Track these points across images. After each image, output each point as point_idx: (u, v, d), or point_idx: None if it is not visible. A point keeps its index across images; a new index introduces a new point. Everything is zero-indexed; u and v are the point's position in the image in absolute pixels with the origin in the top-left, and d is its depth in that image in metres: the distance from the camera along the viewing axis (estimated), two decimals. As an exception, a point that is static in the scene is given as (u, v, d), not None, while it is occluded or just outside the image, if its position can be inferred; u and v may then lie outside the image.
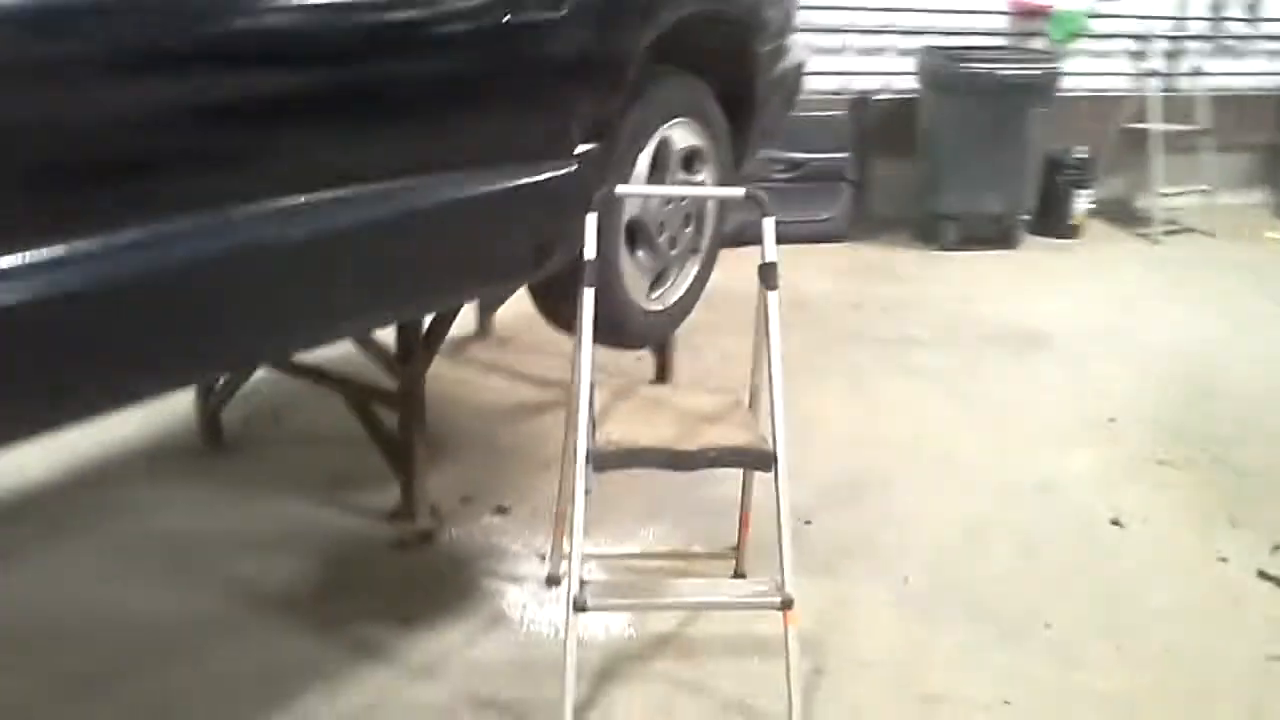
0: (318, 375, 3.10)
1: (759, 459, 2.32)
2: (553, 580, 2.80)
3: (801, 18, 5.85)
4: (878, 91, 6.22)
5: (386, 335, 2.89)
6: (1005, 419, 3.87)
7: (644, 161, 2.64)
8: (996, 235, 5.90)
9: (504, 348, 4.32)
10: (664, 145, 2.71)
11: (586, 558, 2.83)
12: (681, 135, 2.75)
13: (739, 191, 2.49)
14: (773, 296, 2.39)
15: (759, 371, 2.51)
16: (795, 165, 5.87)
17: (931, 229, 5.94)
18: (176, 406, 3.47)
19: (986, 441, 3.70)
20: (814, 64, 6.01)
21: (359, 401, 3.03)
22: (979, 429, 3.79)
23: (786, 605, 2.32)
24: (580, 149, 2.35)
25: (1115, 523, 3.22)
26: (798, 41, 3.51)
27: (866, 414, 3.89)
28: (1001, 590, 2.87)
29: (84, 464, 3.34)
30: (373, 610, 2.68)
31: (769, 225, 2.39)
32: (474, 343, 4.36)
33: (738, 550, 2.83)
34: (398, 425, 2.99)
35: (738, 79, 2.97)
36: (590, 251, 2.32)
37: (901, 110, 6.11)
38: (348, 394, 3.05)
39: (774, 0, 3.01)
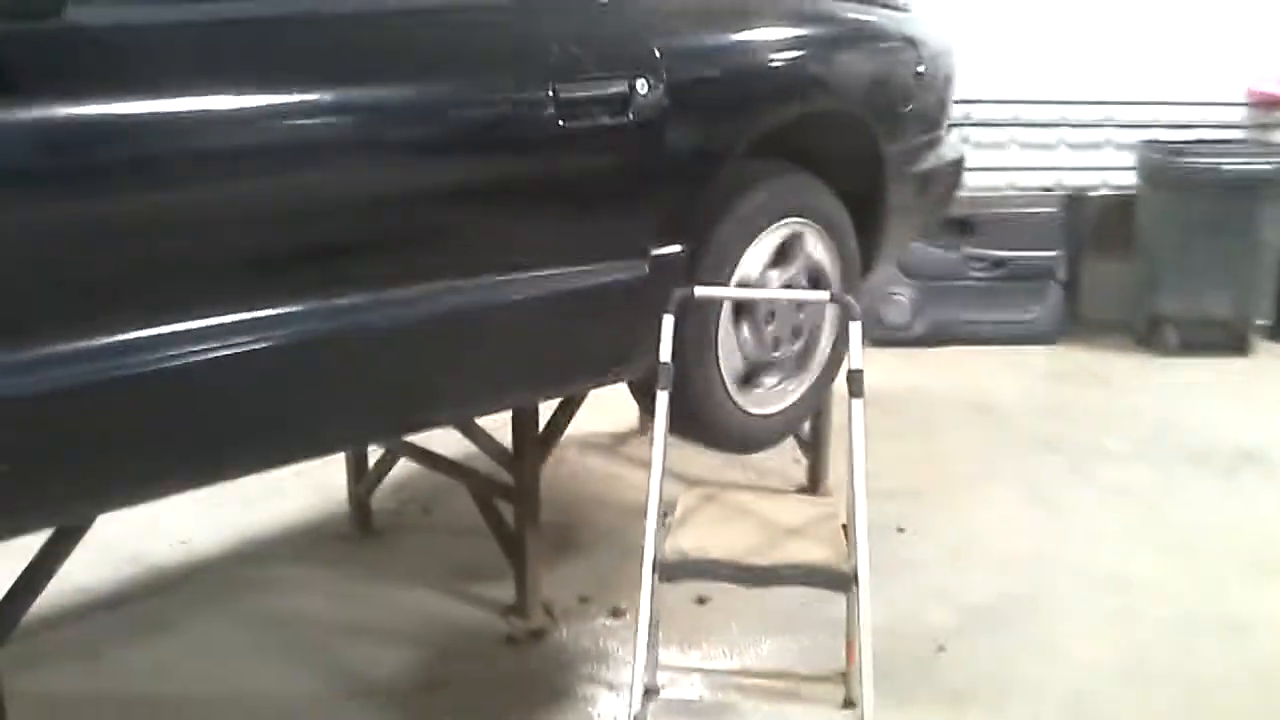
0: (447, 466, 3.16)
1: (834, 580, 2.18)
2: (650, 691, 2.71)
3: (1007, 112, 5.74)
4: (1094, 188, 5.88)
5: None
6: (1198, 545, 3.49)
7: (752, 263, 2.57)
8: (1225, 341, 5.40)
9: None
10: (779, 246, 2.63)
11: (690, 670, 2.78)
12: (796, 237, 2.66)
13: (824, 295, 2.38)
14: (857, 405, 2.26)
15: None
16: (999, 264, 5.62)
17: (1149, 333, 5.51)
18: (340, 494, 3.62)
19: (1170, 570, 3.33)
20: (1024, 159, 5.84)
21: (480, 494, 3.06)
22: (1164, 555, 3.43)
23: (864, 740, 2.13)
24: (656, 251, 2.30)
25: (1307, 672, 2.82)
26: (950, 139, 3.36)
27: (1036, 531, 3.60)
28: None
29: (245, 541, 3.53)
30: (465, 707, 2.67)
31: (855, 330, 2.26)
32: (634, 438, 4.34)
33: (846, 676, 2.65)
34: (514, 520, 3.00)
35: (864, 180, 2.86)
36: (665, 354, 2.27)
37: (1119, 207, 5.75)
38: (470, 485, 3.09)
39: (909, 96, 2.89)
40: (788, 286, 2.66)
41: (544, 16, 2.13)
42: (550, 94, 2.03)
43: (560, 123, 2.04)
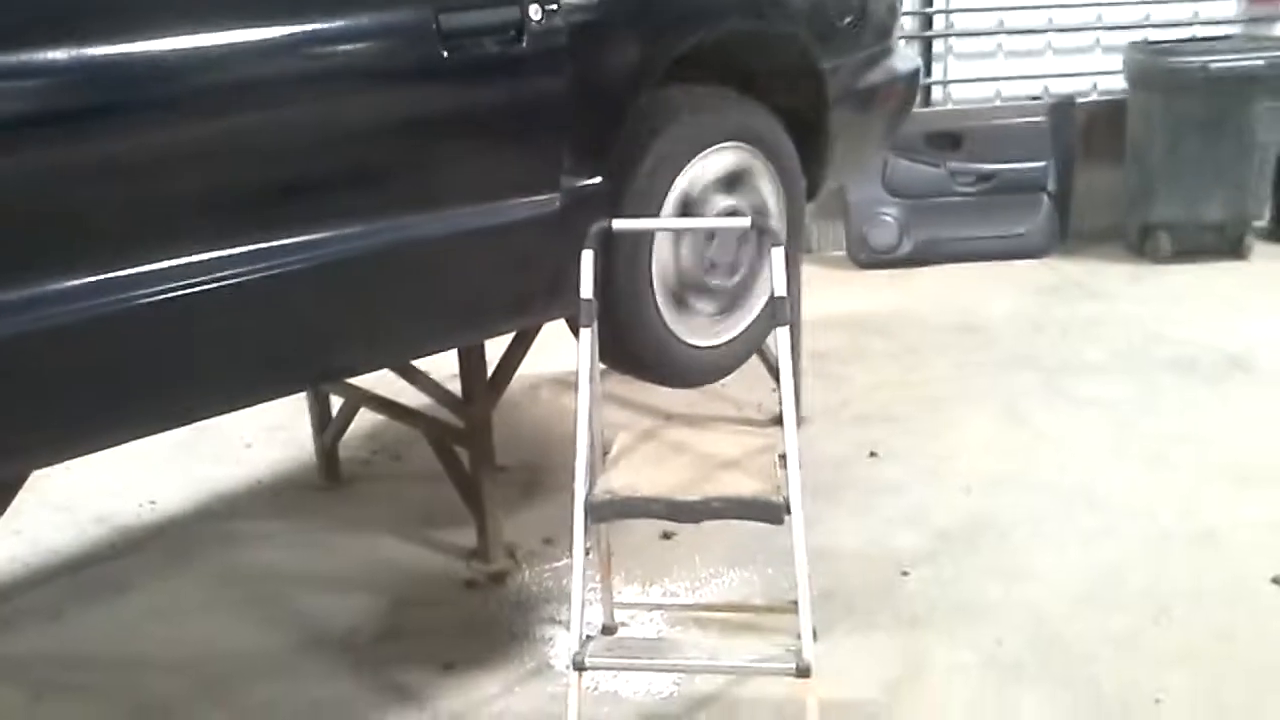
0: (401, 412, 3.13)
1: (766, 510, 2.12)
2: (607, 629, 2.68)
3: (992, 20, 5.57)
4: (1083, 94, 5.72)
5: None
6: (1175, 457, 3.41)
7: (686, 188, 2.48)
8: (1221, 246, 5.27)
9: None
10: (718, 172, 2.55)
11: (650, 607, 2.75)
12: (731, 162, 2.57)
13: (744, 221, 2.29)
14: (782, 333, 2.18)
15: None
16: (986, 177, 5.49)
17: (1142, 241, 5.38)
18: (310, 445, 3.60)
19: (1144, 483, 3.27)
20: (1010, 68, 5.68)
21: (435, 439, 3.03)
22: (1140, 468, 3.36)
23: (803, 673, 2.10)
24: (571, 184, 2.23)
25: (1278, 582, 2.76)
26: (902, 51, 3.24)
27: (1012, 450, 3.53)
28: (1112, 657, 2.51)
29: (213, 497, 3.52)
30: (423, 653, 2.66)
31: (778, 256, 2.18)
32: (612, 376, 4.28)
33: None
34: (469, 463, 2.97)
35: (804, 99, 2.76)
36: (586, 290, 2.21)
37: (1109, 113, 5.59)
38: (425, 431, 3.06)
39: (846, 8, 2.77)
40: (725, 214, 2.56)
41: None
42: (434, 25, 1.95)
43: (444, 54, 1.96)
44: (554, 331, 2.78)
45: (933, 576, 2.86)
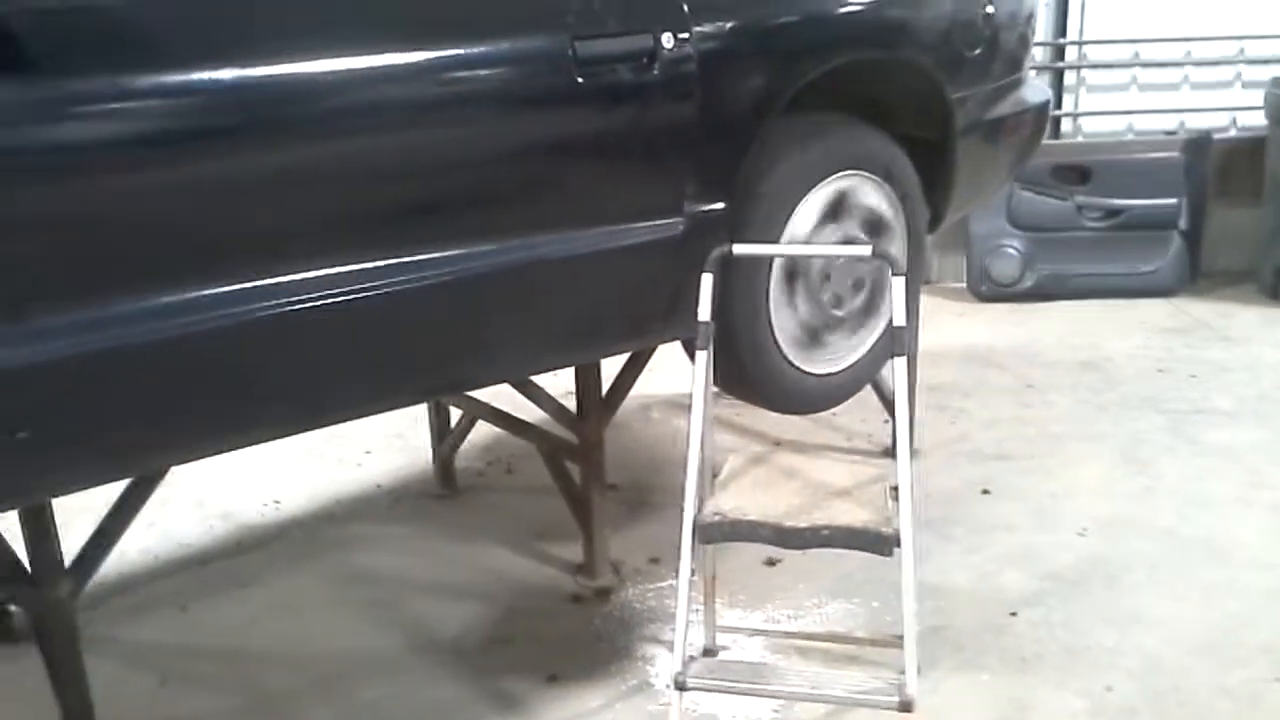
0: (517, 425, 3.19)
1: (876, 542, 2.12)
2: (709, 651, 2.70)
3: (1127, 51, 5.46)
4: (1221, 129, 5.56)
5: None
6: (1305, 509, 3.30)
7: (804, 218, 2.50)
8: (1363, 292, 5.07)
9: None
10: (835, 200, 2.56)
11: (752, 632, 2.76)
12: (854, 189, 2.58)
13: (865, 250, 2.29)
14: (900, 363, 2.18)
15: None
16: (1115, 212, 5.37)
17: (1276, 284, 5.20)
18: (427, 454, 3.70)
19: (1270, 535, 3.16)
20: (1145, 101, 5.56)
21: (548, 454, 3.09)
22: (1266, 519, 3.25)
23: (905, 707, 2.09)
24: (694, 209, 2.27)
25: None
26: (1033, 82, 3.20)
27: (1130, 494, 3.45)
28: (1229, 712, 2.44)
29: (334, 500, 3.64)
30: (528, 663, 2.71)
31: (899, 286, 2.18)
32: (725, 399, 4.30)
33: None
34: (579, 479, 3.02)
35: (931, 128, 2.75)
36: (704, 313, 2.24)
37: (1248, 150, 5.42)
38: (539, 446, 3.12)
39: (976, 39, 2.76)
40: (845, 242, 2.57)
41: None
42: (570, 52, 2.01)
43: (579, 80, 2.01)
44: (668, 353, 2.83)
45: (1042, 619, 2.81)
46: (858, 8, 2.48)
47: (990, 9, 2.77)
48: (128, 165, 1.65)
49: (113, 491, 2.34)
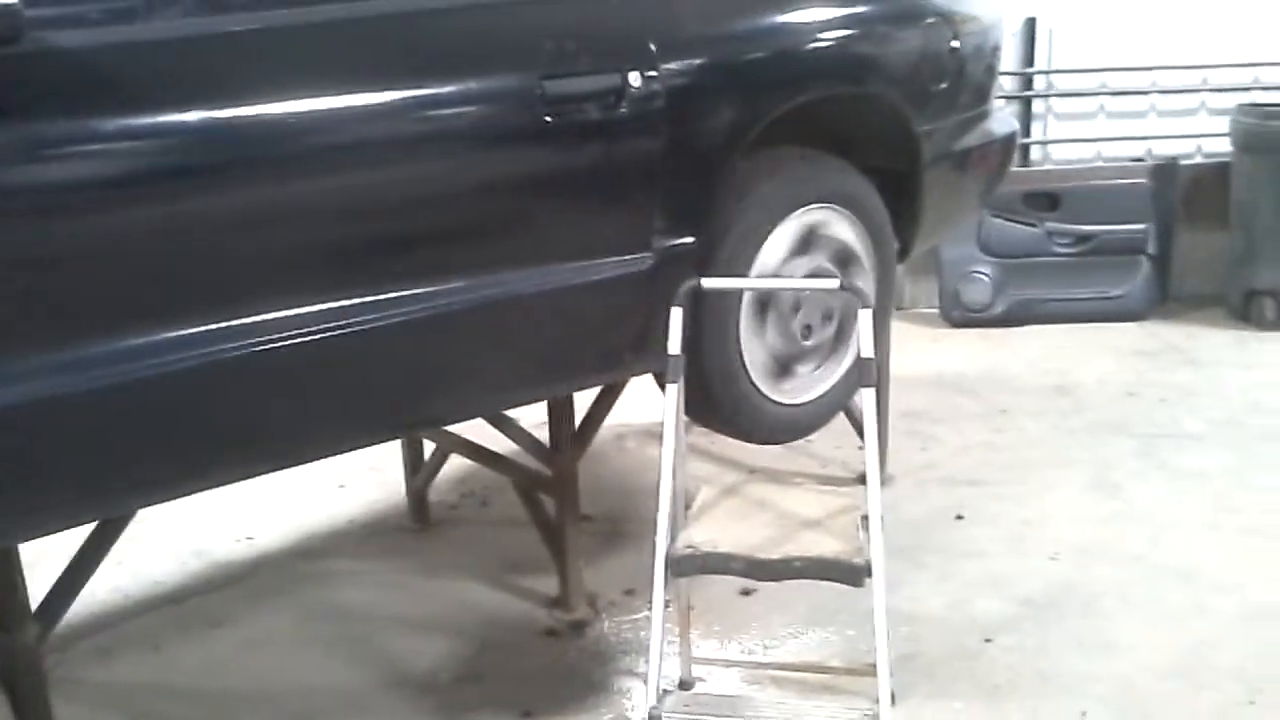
0: (490, 459, 3.19)
1: (847, 573, 2.13)
2: (684, 684, 2.70)
3: (1094, 80, 5.53)
4: (1187, 156, 5.64)
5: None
6: (1272, 532, 3.32)
7: (773, 251, 2.52)
8: (1327, 315, 5.13)
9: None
10: (803, 233, 2.58)
11: (728, 664, 2.76)
12: (822, 222, 2.60)
13: (833, 283, 2.31)
14: (868, 394, 2.20)
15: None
16: (1084, 238, 5.43)
17: (1245, 307, 5.26)
18: (401, 488, 3.69)
19: (1239, 558, 3.19)
20: (1112, 129, 5.63)
21: (522, 487, 3.08)
22: (1235, 543, 3.28)
23: (877, 738, 2.09)
24: (663, 243, 2.28)
25: (1377, 667, 2.67)
26: (999, 114, 3.24)
27: (1102, 519, 3.47)
28: (1200, 739, 2.45)
29: (307, 535, 3.62)
30: (502, 699, 2.70)
31: (866, 318, 2.20)
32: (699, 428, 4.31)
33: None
34: (554, 512, 3.02)
35: (900, 160, 2.78)
36: (674, 347, 2.25)
37: (1214, 176, 5.50)
38: (512, 479, 3.12)
39: (942, 74, 2.79)
40: (814, 274, 2.59)
41: (535, 11, 2.12)
42: (539, 91, 2.03)
43: (548, 118, 2.03)
44: (641, 383, 2.83)
45: (1016, 645, 2.82)
46: (824, 44, 2.51)
47: (956, 43, 2.81)
48: (86, 207, 1.65)
49: (81, 530, 2.33)
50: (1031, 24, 5.57)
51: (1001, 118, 3.27)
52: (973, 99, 2.98)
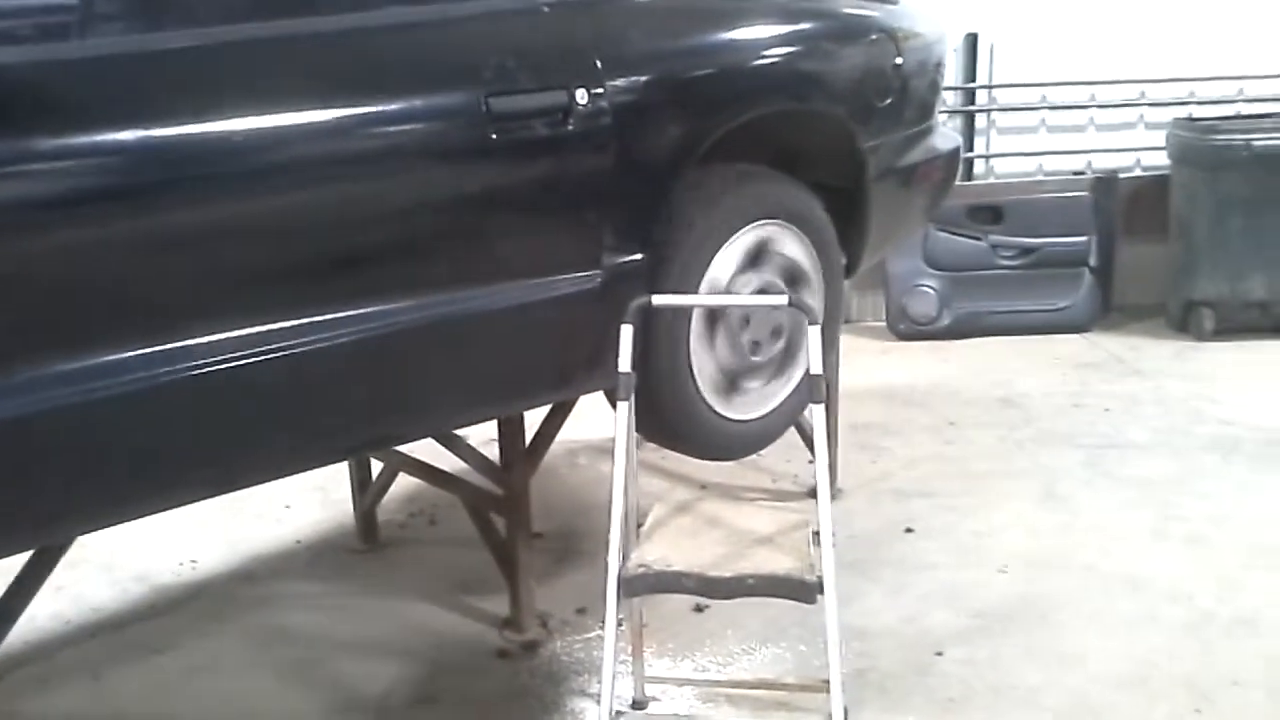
0: (440, 478, 3.15)
1: (799, 589, 2.12)
2: (638, 704, 2.67)
3: (1035, 95, 5.61)
4: (1126, 169, 5.74)
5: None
6: (1218, 541, 3.37)
7: (721, 267, 2.51)
8: (1264, 324, 5.23)
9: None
10: (750, 249, 2.58)
11: (681, 682, 2.74)
12: (769, 238, 2.60)
13: (781, 300, 2.32)
14: (818, 410, 2.19)
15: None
16: (1028, 251, 5.51)
17: (1185, 318, 5.35)
18: (348, 507, 3.63)
19: (1186, 567, 3.23)
20: (1053, 143, 5.72)
21: (473, 506, 3.05)
22: (1181, 551, 3.32)
23: (831, 757, 2.08)
24: (611, 261, 2.27)
25: (1321, 672, 2.71)
26: (943, 129, 3.27)
27: (1051, 529, 3.50)
28: (1150, 748, 2.47)
29: (252, 558, 3.56)
30: (453, 723, 2.66)
31: (815, 334, 2.20)
32: (644, 444, 4.30)
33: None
34: (504, 530, 2.99)
35: (845, 176, 2.79)
36: (624, 364, 2.24)
37: (1153, 189, 5.60)
38: (463, 497, 3.09)
39: (886, 90, 2.81)
40: (763, 290, 2.59)
41: (480, 29, 2.11)
42: (484, 108, 2.01)
43: (493, 135, 2.01)
44: (592, 399, 2.81)
45: (968, 658, 2.83)
46: (770, 61, 2.52)
47: (899, 60, 2.83)
48: (26, 227, 1.60)
49: (16, 559, 2.26)
50: (973, 39, 5.64)
51: (946, 133, 3.30)
52: (917, 115, 3.00)
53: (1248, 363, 4.98)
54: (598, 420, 3.42)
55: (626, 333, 2.23)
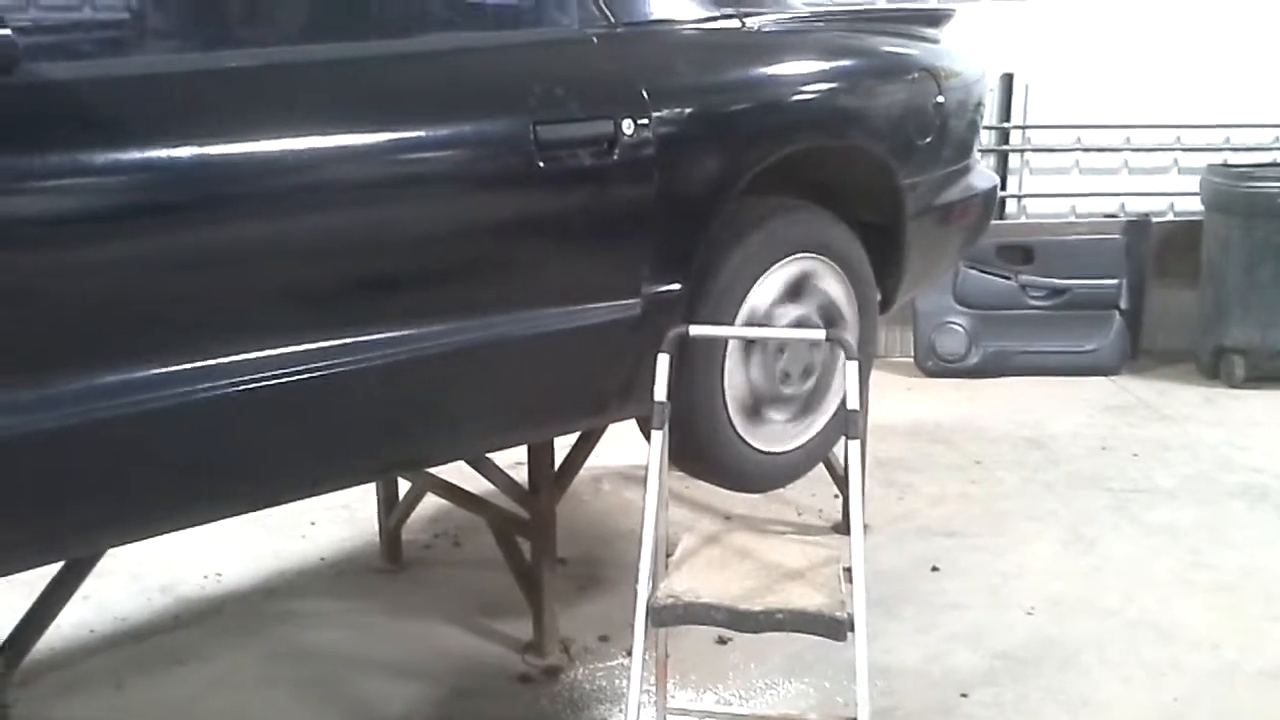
0: (467, 499, 3.15)
1: (828, 626, 2.11)
2: (658, 734, 2.66)
3: (1070, 136, 5.61)
4: (1159, 213, 5.72)
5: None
6: (1243, 588, 3.34)
7: (757, 299, 2.52)
8: (1295, 373, 5.20)
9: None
10: (787, 282, 2.58)
11: (702, 714, 2.73)
12: (806, 272, 2.61)
13: (819, 334, 2.32)
14: (854, 446, 2.19)
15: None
16: (1058, 292, 5.49)
17: (1214, 364, 5.32)
18: (373, 527, 3.64)
19: (1213, 615, 3.19)
20: (1087, 185, 5.71)
21: (499, 529, 3.05)
22: (1207, 600, 3.29)
23: (856, 802, 2.07)
24: (651, 290, 2.28)
25: (1351, 728, 2.68)
26: (980, 168, 3.27)
27: (1077, 573, 3.47)
28: (1177, 799, 2.44)
29: (276, 574, 3.57)
30: (473, 747, 2.66)
31: (852, 370, 2.20)
32: (677, 472, 4.30)
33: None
34: (530, 555, 2.99)
35: (883, 212, 2.80)
36: (660, 393, 2.24)
37: (1185, 234, 5.58)
38: (489, 520, 3.09)
39: (927, 129, 2.82)
40: (798, 323, 2.60)
41: (530, 57, 2.13)
42: (532, 136, 2.02)
43: (540, 164, 2.03)
44: (619, 426, 2.82)
45: (993, 699, 2.80)
46: (812, 97, 2.53)
47: (941, 99, 2.84)
48: (66, 242, 1.62)
49: (45, 569, 2.28)
50: (1009, 80, 5.65)
51: (983, 172, 3.30)
52: (956, 153, 3.01)
53: (1277, 412, 4.93)
54: (621, 446, 3.43)
55: (663, 362, 2.23)
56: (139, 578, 3.46)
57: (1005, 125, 5.70)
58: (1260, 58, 5.55)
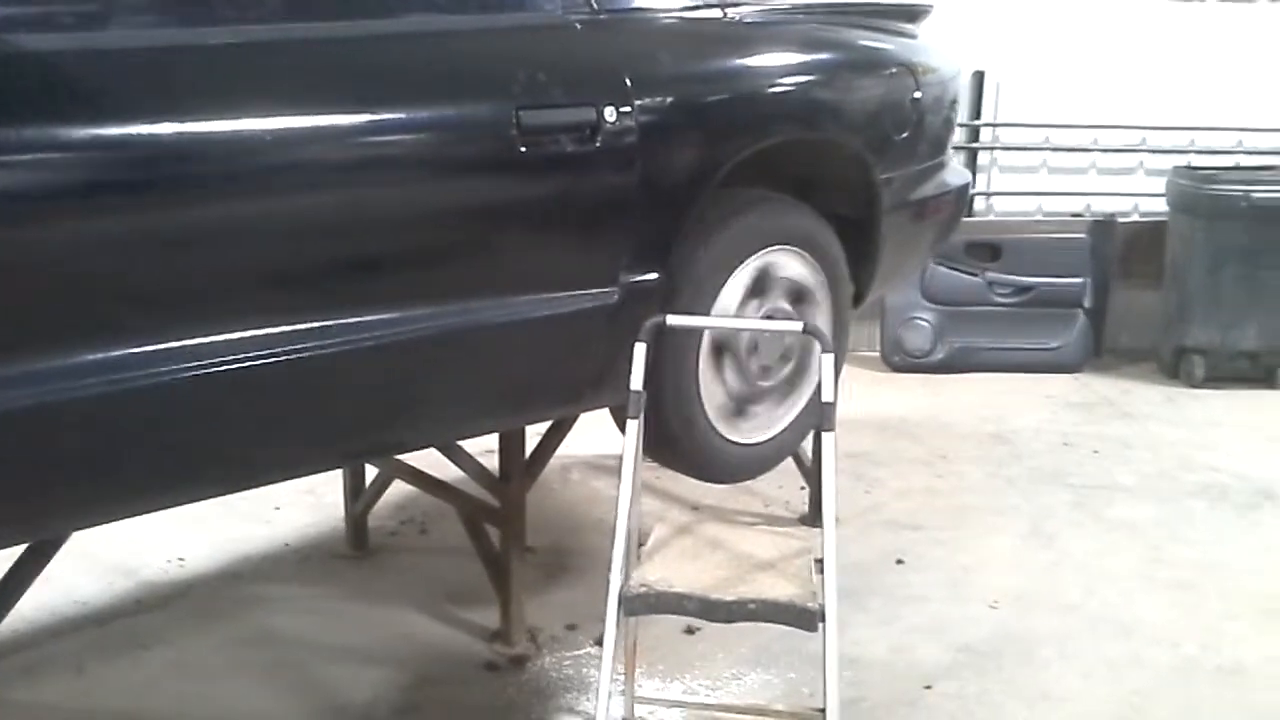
0: (436, 487, 3.14)
1: (799, 617, 2.12)
2: (626, 723, 2.67)
3: (1038, 135, 5.66)
4: (1124, 214, 5.79)
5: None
6: (1202, 585, 3.39)
7: (733, 290, 2.52)
8: (1254, 374, 5.28)
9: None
10: (764, 274, 2.59)
11: (670, 704, 2.74)
12: (782, 264, 2.61)
13: (796, 326, 2.33)
14: (828, 439, 2.20)
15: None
16: (1023, 289, 5.54)
17: (1175, 364, 5.40)
18: (339, 512, 3.62)
19: (1171, 610, 3.24)
20: (1054, 184, 5.76)
21: (468, 517, 3.04)
22: (1167, 595, 3.34)
23: (823, 790, 2.08)
24: (629, 279, 2.28)
25: (1305, 723, 2.73)
26: (954, 165, 3.30)
27: (1039, 567, 3.52)
28: (1135, 791, 2.48)
29: (240, 559, 3.54)
30: (438, 734, 2.65)
31: (828, 362, 2.21)
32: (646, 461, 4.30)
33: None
34: (498, 543, 2.98)
35: (858, 206, 2.81)
36: (636, 382, 2.24)
37: (1150, 234, 5.65)
38: (458, 508, 3.08)
39: (903, 123, 2.83)
40: (773, 315, 2.60)
41: (514, 42, 2.12)
42: (514, 121, 2.01)
43: (522, 149, 2.02)
44: (588, 415, 2.81)
45: (956, 692, 2.83)
46: (791, 89, 2.53)
47: (918, 94, 2.86)
48: (37, 218, 1.59)
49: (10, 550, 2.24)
50: (980, 77, 5.69)
51: (956, 169, 3.33)
52: (931, 149, 3.03)
53: (1237, 411, 5.02)
54: (592, 437, 3.43)
55: (639, 351, 2.23)
56: (101, 561, 3.42)
57: (975, 123, 5.74)
58: (1225, 63, 5.62)
